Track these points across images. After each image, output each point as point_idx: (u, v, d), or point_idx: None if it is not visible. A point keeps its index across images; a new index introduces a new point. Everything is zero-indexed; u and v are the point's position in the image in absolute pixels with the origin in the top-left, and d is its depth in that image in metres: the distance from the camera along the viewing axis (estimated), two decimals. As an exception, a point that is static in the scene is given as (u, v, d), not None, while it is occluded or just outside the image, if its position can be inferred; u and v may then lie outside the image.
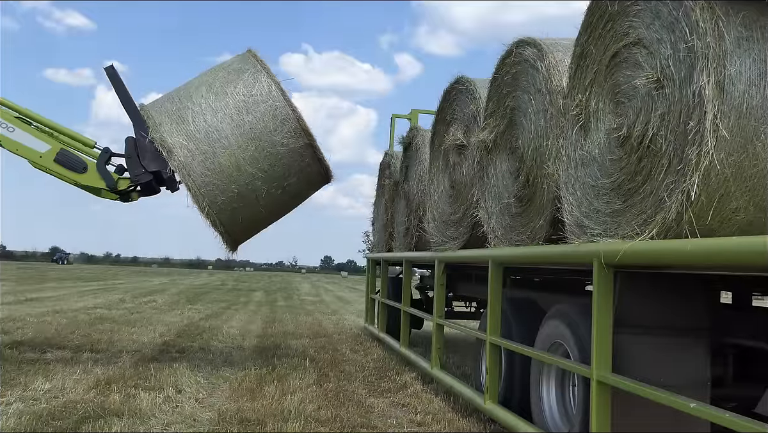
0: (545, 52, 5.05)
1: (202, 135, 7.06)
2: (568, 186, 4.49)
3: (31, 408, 5.54)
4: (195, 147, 7.03)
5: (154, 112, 7.22)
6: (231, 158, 7.09)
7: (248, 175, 7.16)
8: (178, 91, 7.53)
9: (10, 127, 7.24)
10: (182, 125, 7.08)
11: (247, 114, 7.18)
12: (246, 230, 7.77)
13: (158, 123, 7.09)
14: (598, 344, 3.84)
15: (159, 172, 7.18)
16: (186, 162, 6.99)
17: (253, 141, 7.15)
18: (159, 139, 7.01)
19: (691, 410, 3.05)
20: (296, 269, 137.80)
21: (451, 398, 6.56)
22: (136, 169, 7.24)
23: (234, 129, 7.12)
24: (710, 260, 3.12)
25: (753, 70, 3.35)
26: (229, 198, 7.18)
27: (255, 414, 5.54)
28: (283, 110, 7.27)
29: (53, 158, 7.27)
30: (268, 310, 18.17)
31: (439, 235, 7.43)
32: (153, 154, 7.12)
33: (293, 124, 7.28)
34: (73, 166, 7.31)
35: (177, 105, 7.24)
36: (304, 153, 7.42)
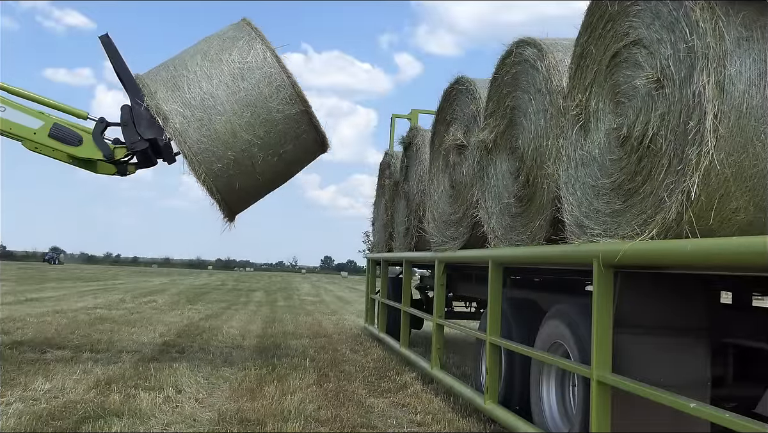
0: (545, 52, 5.05)
1: (197, 102, 7.06)
2: (568, 186, 4.49)
3: (31, 408, 5.54)
4: (190, 114, 7.03)
5: (149, 81, 7.21)
6: (227, 125, 7.09)
7: (244, 141, 7.17)
8: (173, 60, 7.52)
9: (1, 107, 7.20)
10: (177, 93, 7.09)
11: (242, 81, 7.18)
12: (243, 198, 7.76)
13: (153, 91, 7.08)
14: (598, 344, 3.84)
15: (155, 139, 7.16)
16: (182, 129, 6.99)
17: (249, 108, 7.15)
18: (154, 106, 7.00)
19: (691, 410, 3.05)
20: (296, 269, 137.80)
21: (451, 398, 6.56)
22: (132, 136, 7.20)
23: (229, 96, 7.12)
24: (710, 260, 3.12)
25: (753, 70, 3.35)
26: (225, 165, 7.17)
27: (255, 414, 5.54)
28: (278, 77, 7.27)
29: (47, 134, 7.23)
30: (268, 310, 18.17)
31: (439, 235, 7.43)
32: (149, 122, 7.11)
33: (288, 91, 7.28)
34: (69, 140, 7.28)
35: (172, 73, 7.24)
36: (300, 120, 7.42)
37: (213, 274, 69.26)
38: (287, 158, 7.59)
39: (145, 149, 7.30)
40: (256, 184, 7.63)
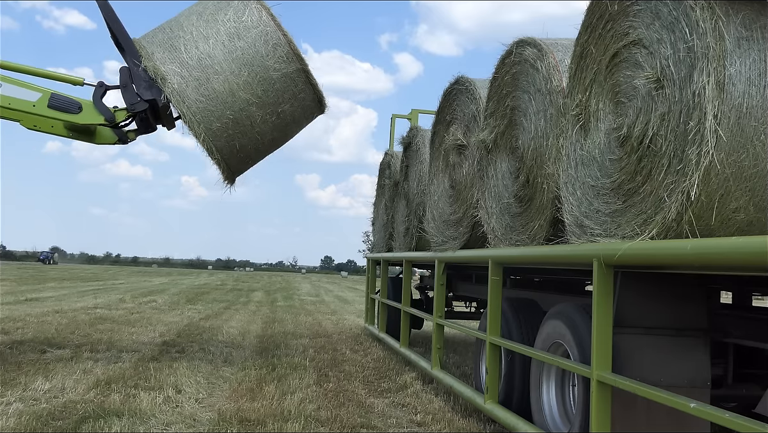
0: (545, 52, 5.05)
1: (194, 62, 7.10)
2: (568, 186, 4.49)
3: (31, 408, 5.54)
4: (188, 74, 7.07)
5: (145, 43, 7.24)
6: (225, 84, 7.13)
7: (242, 101, 7.21)
8: (169, 22, 7.55)
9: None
10: (174, 53, 7.12)
11: (238, 40, 7.21)
12: (242, 159, 7.80)
13: (150, 53, 7.12)
14: (598, 344, 3.84)
15: (154, 100, 7.17)
16: (180, 89, 7.03)
17: (246, 66, 7.19)
18: (152, 67, 7.04)
19: (691, 410, 3.05)
20: (296, 269, 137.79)
21: (451, 398, 6.56)
22: (131, 98, 7.22)
23: (226, 55, 7.16)
24: (710, 260, 3.12)
25: (753, 70, 3.35)
26: (224, 124, 7.22)
27: (255, 414, 5.54)
28: (274, 35, 7.31)
29: (46, 104, 7.24)
30: (268, 310, 18.17)
31: (439, 235, 7.44)
32: (147, 83, 7.14)
33: (285, 49, 7.32)
34: (68, 108, 7.28)
35: (168, 34, 7.27)
36: (297, 78, 7.46)
37: (213, 274, 69.25)
38: (285, 118, 7.64)
39: (145, 112, 7.32)
40: (255, 145, 7.67)
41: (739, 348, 4.40)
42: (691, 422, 3.68)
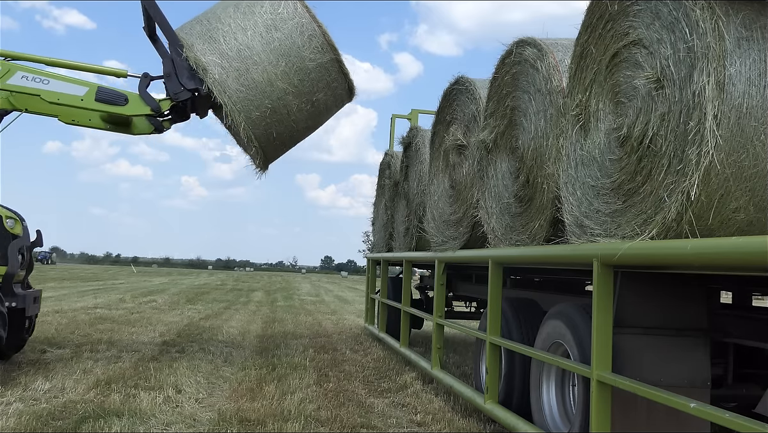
0: (545, 52, 5.05)
1: (234, 53, 7.33)
2: (568, 186, 4.49)
3: (31, 408, 5.54)
4: (228, 64, 7.30)
5: (184, 35, 7.44)
6: (263, 74, 7.37)
7: (280, 90, 7.46)
8: (205, 14, 7.75)
9: (45, 79, 7.33)
10: (214, 45, 7.35)
11: (275, 31, 7.47)
12: (278, 147, 8.08)
13: (190, 44, 7.34)
14: (598, 344, 3.84)
15: (196, 89, 7.37)
16: (221, 79, 7.26)
17: (283, 57, 7.44)
18: (193, 58, 7.26)
19: (691, 410, 3.05)
20: (296, 269, 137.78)
21: (451, 398, 6.56)
22: (175, 87, 7.42)
23: (264, 46, 7.41)
24: (710, 260, 3.12)
25: (753, 70, 3.35)
26: (263, 113, 7.46)
27: (255, 414, 5.54)
28: (309, 26, 7.55)
29: (94, 98, 7.42)
30: (268, 310, 18.17)
31: (439, 235, 7.44)
32: (189, 73, 7.34)
33: (320, 40, 7.57)
34: (115, 101, 7.47)
35: (206, 26, 7.50)
36: (331, 68, 7.71)
37: (213, 274, 69.23)
38: (319, 106, 7.90)
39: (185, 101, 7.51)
40: (290, 132, 7.93)
41: (739, 348, 4.40)
42: (691, 422, 3.68)
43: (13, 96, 7.31)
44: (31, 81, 7.26)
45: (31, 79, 7.27)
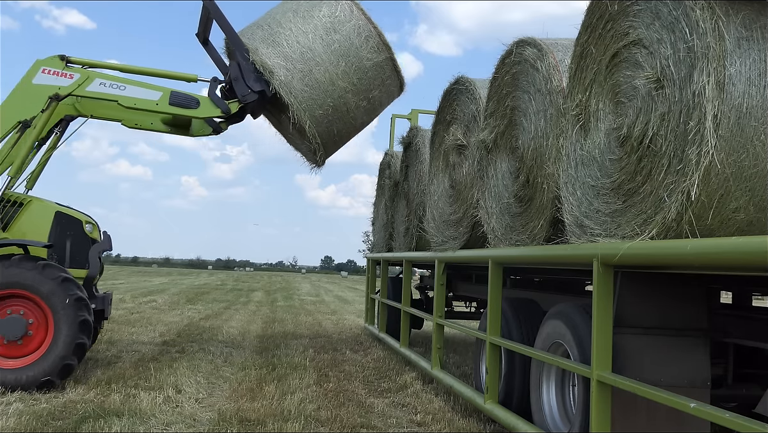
0: (545, 52, 5.05)
1: (297, 55, 7.66)
2: (568, 186, 4.49)
3: (31, 408, 5.54)
4: (293, 66, 7.63)
5: (246, 40, 7.73)
6: (325, 74, 7.72)
7: (341, 89, 7.81)
8: (264, 19, 8.06)
9: (121, 86, 7.52)
10: (278, 48, 7.67)
11: (335, 33, 7.81)
12: (336, 142, 8.46)
13: (255, 48, 7.63)
14: (598, 344, 3.84)
15: (263, 91, 7.60)
16: (286, 80, 7.58)
17: (343, 57, 7.79)
18: (259, 62, 7.55)
19: (691, 410, 3.05)
20: (296, 269, 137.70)
21: (451, 398, 6.56)
22: (243, 90, 7.65)
23: (325, 48, 7.74)
24: (710, 260, 3.12)
25: (753, 70, 3.35)
26: (325, 111, 7.81)
27: (255, 414, 5.54)
28: (366, 27, 7.91)
29: (168, 102, 7.61)
30: (268, 310, 18.17)
31: (439, 235, 7.44)
32: (256, 76, 7.60)
33: (376, 40, 7.94)
34: (188, 104, 7.67)
35: (268, 31, 7.82)
36: (386, 66, 8.07)
37: (213, 274, 69.18)
38: (374, 102, 8.27)
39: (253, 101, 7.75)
40: (348, 128, 8.31)
41: (739, 348, 4.40)
42: (691, 422, 3.68)
43: (80, 102, 7.47)
44: (108, 87, 7.45)
45: (108, 85, 7.46)
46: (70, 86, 7.32)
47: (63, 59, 7.41)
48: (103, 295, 7.28)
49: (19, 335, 6.30)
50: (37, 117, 7.17)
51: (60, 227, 7.09)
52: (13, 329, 6.30)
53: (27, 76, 7.36)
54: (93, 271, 7.14)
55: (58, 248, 7.03)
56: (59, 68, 7.38)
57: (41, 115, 7.18)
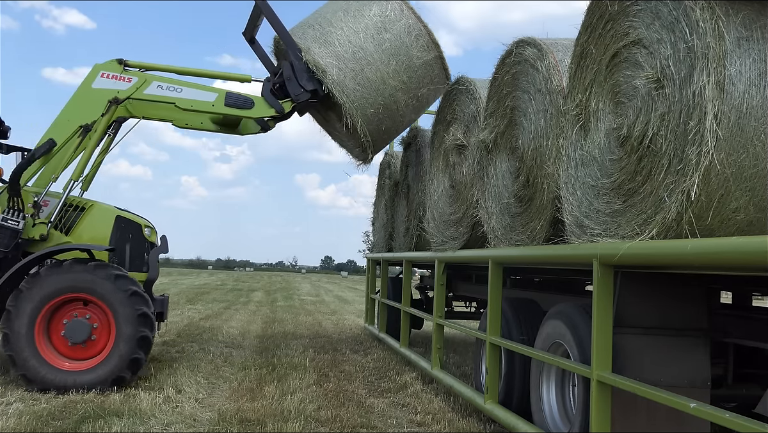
0: (545, 52, 5.05)
1: (349, 55, 7.70)
2: (568, 186, 4.49)
3: (31, 408, 5.54)
4: (345, 66, 7.67)
5: (298, 40, 7.78)
6: (377, 73, 7.77)
7: (391, 87, 7.85)
8: (314, 18, 8.12)
9: (178, 88, 7.61)
10: (330, 48, 7.71)
11: (385, 32, 7.86)
12: (385, 140, 8.63)
13: (307, 48, 7.67)
14: (598, 344, 3.84)
15: (316, 90, 7.67)
16: (339, 80, 7.62)
17: (394, 56, 7.84)
18: (312, 61, 7.59)
19: (691, 410, 3.05)
20: (296, 269, 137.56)
21: (451, 398, 6.56)
22: (296, 89, 7.70)
23: (376, 47, 7.79)
24: (710, 260, 3.12)
25: (753, 70, 3.35)
26: (377, 110, 7.86)
27: (255, 414, 5.54)
28: (415, 26, 7.96)
29: (223, 103, 7.69)
30: (268, 310, 18.17)
31: (439, 235, 7.44)
32: (309, 75, 7.65)
33: (425, 39, 7.99)
34: (243, 105, 7.75)
35: (319, 31, 7.87)
36: (434, 65, 8.11)
37: (213, 274, 69.16)
38: (422, 100, 8.36)
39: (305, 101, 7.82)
40: (396, 126, 8.46)
41: (739, 348, 4.40)
42: (691, 422, 3.68)
43: (131, 104, 7.53)
44: (165, 90, 7.55)
45: (165, 88, 7.55)
46: (128, 89, 7.43)
47: (121, 63, 7.50)
48: (161, 298, 7.38)
49: (84, 338, 6.40)
50: (98, 121, 7.27)
51: (120, 230, 7.21)
52: (78, 333, 6.40)
53: (86, 80, 7.45)
54: (153, 274, 7.28)
55: (118, 251, 7.15)
56: (117, 72, 7.48)
57: (101, 119, 7.28)
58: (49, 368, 6.30)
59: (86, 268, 6.43)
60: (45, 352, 6.35)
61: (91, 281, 6.37)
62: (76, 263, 6.47)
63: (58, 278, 6.36)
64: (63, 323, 6.42)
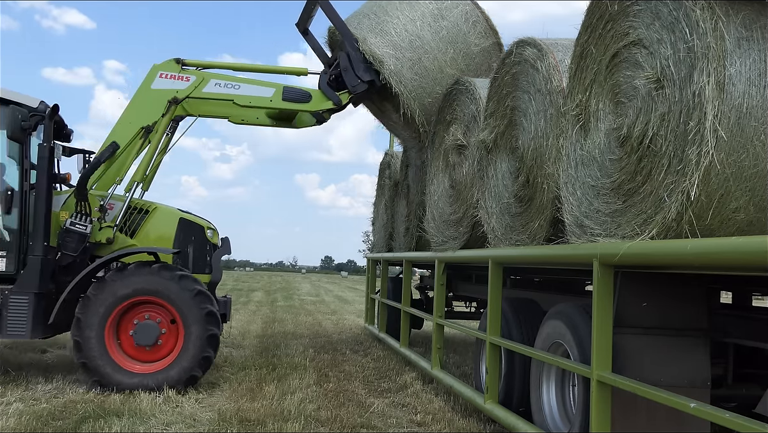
0: (545, 52, 5.05)
1: (406, 44, 7.64)
2: (568, 186, 4.49)
3: (31, 408, 5.54)
4: (402, 55, 7.60)
5: (353, 30, 7.75)
6: (434, 62, 7.70)
7: (449, 76, 7.72)
8: (370, 8, 8.09)
9: (236, 85, 7.62)
10: (386, 37, 7.64)
11: (442, 20, 7.79)
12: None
13: (363, 38, 7.61)
14: (598, 344, 3.84)
15: (373, 81, 7.64)
16: (396, 70, 7.56)
17: (451, 44, 7.76)
18: (369, 51, 7.55)
19: (691, 410, 3.05)
20: (296, 269, 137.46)
21: (451, 398, 6.56)
22: (353, 80, 7.68)
23: (433, 35, 7.73)
24: (710, 260, 3.12)
25: (753, 70, 3.35)
26: (434, 99, 7.77)
27: (255, 414, 5.54)
28: (473, 13, 7.91)
29: (281, 98, 7.72)
30: (268, 310, 18.16)
31: (439, 235, 7.44)
32: (365, 66, 7.61)
33: (483, 25, 7.95)
34: (301, 98, 7.76)
35: (375, 20, 7.82)
36: (493, 52, 8.04)
37: (213, 274, 69.02)
38: None
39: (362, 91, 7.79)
40: None
41: (739, 348, 4.40)
42: (691, 422, 3.68)
43: (188, 103, 7.53)
44: (223, 87, 7.57)
45: (223, 85, 7.58)
46: (187, 89, 7.45)
47: (178, 62, 7.53)
48: (225, 299, 7.39)
49: (154, 340, 6.46)
50: (158, 121, 7.31)
51: (183, 233, 7.24)
52: (147, 335, 6.46)
53: (145, 82, 7.47)
54: (216, 276, 7.31)
55: (182, 253, 7.18)
56: (176, 72, 7.50)
57: (162, 120, 7.32)
58: (122, 372, 6.35)
59: (151, 270, 6.46)
60: (117, 356, 6.40)
61: (157, 283, 6.41)
62: (140, 266, 6.50)
63: (123, 283, 6.40)
64: (132, 326, 6.47)
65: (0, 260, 6.58)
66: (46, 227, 6.59)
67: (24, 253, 6.63)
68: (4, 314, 6.34)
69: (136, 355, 6.47)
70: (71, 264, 6.65)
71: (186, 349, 6.41)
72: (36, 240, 6.53)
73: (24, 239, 6.64)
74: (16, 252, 6.61)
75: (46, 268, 6.53)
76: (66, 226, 6.64)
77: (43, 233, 6.55)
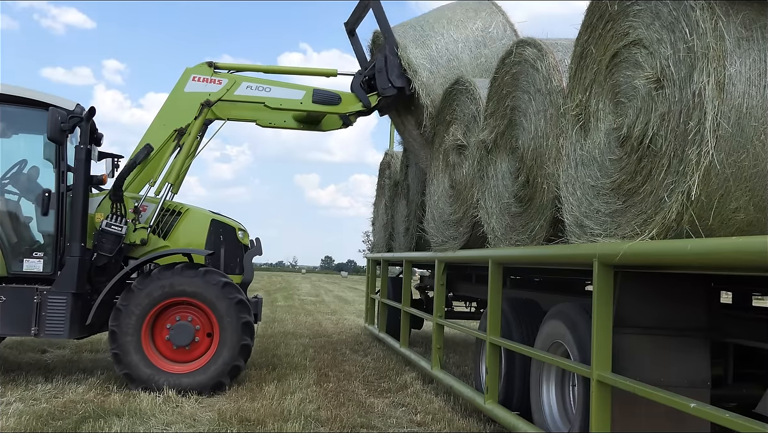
0: (545, 52, 5.05)
1: (443, 61, 7.71)
2: (568, 186, 4.49)
3: (31, 408, 5.54)
4: (436, 70, 7.66)
5: (397, 37, 7.79)
6: None
7: None
8: (418, 21, 8.17)
9: (267, 87, 7.67)
10: (426, 50, 7.72)
11: (484, 48, 7.85)
12: None
13: (404, 46, 7.70)
14: (598, 344, 3.84)
15: (403, 88, 7.65)
16: (428, 83, 7.60)
17: (487, 73, 7.69)
18: (406, 58, 7.62)
19: (691, 410, 3.05)
20: (296, 269, 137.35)
21: (451, 398, 6.56)
22: (384, 83, 7.71)
23: (472, 60, 7.78)
24: (710, 260, 3.12)
25: (753, 70, 3.35)
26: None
27: (255, 414, 5.54)
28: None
29: (311, 100, 7.76)
30: (268, 310, 18.13)
31: (439, 235, 7.44)
32: (399, 72, 7.65)
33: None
34: (330, 101, 7.81)
35: (420, 32, 7.91)
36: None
37: (213, 274, 68.96)
38: None
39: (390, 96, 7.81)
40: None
41: (739, 348, 4.41)
42: (691, 422, 3.68)
43: (218, 106, 7.56)
44: (255, 90, 7.62)
45: (254, 88, 7.62)
46: (219, 92, 7.50)
47: (211, 66, 7.57)
48: (255, 300, 7.43)
49: (188, 341, 6.49)
50: (191, 124, 7.36)
51: (215, 234, 7.25)
52: (182, 336, 6.49)
53: (178, 85, 7.52)
54: (248, 276, 7.35)
55: (214, 254, 7.19)
56: (208, 75, 7.56)
57: (194, 122, 7.37)
58: (153, 368, 6.38)
59: (196, 273, 6.50)
60: (149, 352, 6.43)
61: (200, 286, 6.45)
62: (186, 268, 6.55)
63: (169, 281, 6.45)
64: (167, 326, 6.50)
65: (38, 261, 6.65)
66: (82, 228, 6.64)
67: (61, 254, 6.67)
68: (43, 314, 6.40)
69: (168, 354, 6.52)
70: (106, 265, 6.71)
71: (219, 355, 6.47)
72: (73, 241, 6.58)
73: (61, 240, 6.69)
74: (54, 253, 6.66)
75: (82, 269, 6.58)
76: (102, 227, 6.69)
77: (80, 234, 6.59)
